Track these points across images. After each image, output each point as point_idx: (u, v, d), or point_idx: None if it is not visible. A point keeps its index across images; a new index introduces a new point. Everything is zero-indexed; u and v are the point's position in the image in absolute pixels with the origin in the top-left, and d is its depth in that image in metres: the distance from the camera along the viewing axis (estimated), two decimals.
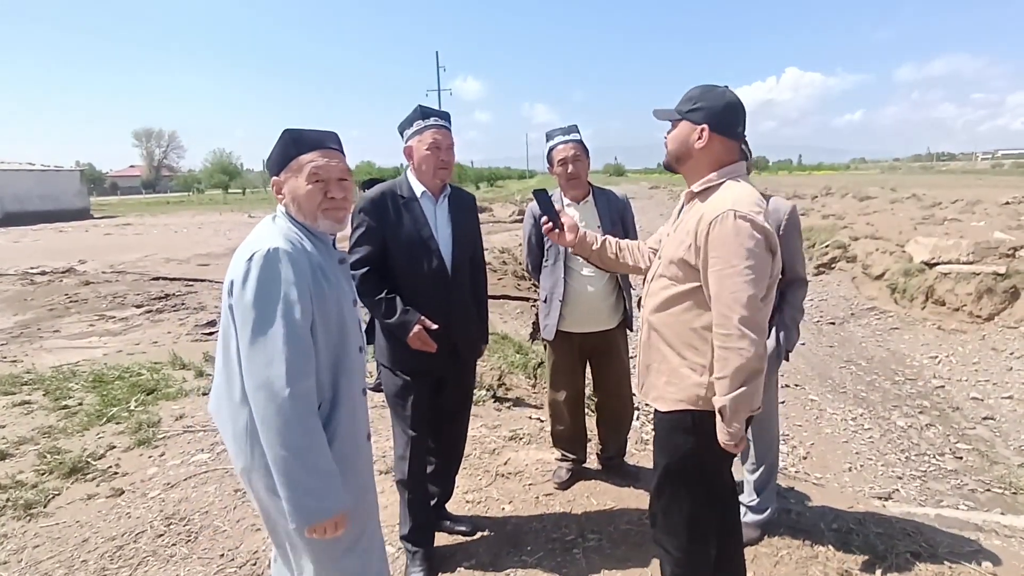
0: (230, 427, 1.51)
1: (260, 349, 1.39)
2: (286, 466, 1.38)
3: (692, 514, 1.81)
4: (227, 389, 1.50)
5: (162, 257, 13.50)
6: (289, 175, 1.54)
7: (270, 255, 1.41)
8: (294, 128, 1.57)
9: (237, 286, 1.42)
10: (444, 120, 2.31)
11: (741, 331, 1.54)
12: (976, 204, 15.52)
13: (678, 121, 1.74)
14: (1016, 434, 5.72)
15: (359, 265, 2.29)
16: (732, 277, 1.55)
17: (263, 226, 1.55)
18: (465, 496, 3.02)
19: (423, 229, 2.30)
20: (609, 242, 2.13)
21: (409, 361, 2.33)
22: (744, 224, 1.56)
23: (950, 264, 9.75)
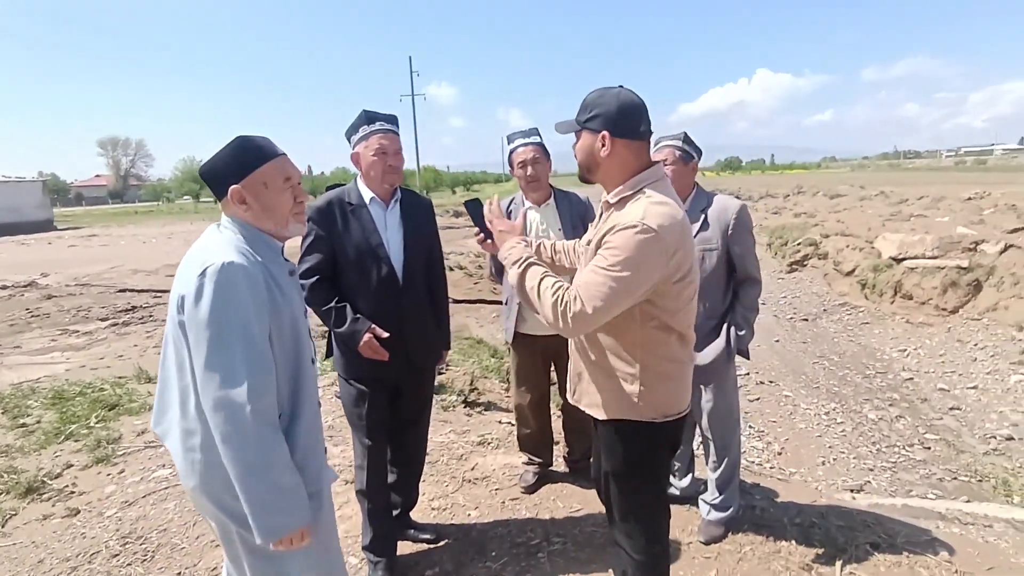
0: (181, 445, 1.46)
1: (218, 367, 1.34)
2: (250, 484, 1.36)
3: (646, 517, 1.82)
4: (180, 407, 1.46)
5: (129, 268, 13.23)
6: (256, 183, 1.50)
7: (225, 269, 1.36)
8: (249, 136, 1.53)
9: (189, 302, 1.36)
10: (391, 124, 2.26)
11: (580, 303, 1.52)
12: (940, 200, 15.94)
13: (580, 132, 1.69)
14: (981, 423, 5.84)
15: (308, 275, 2.25)
16: (604, 274, 1.52)
17: (209, 237, 1.50)
18: (431, 503, 2.98)
19: (372, 236, 2.26)
20: (544, 246, 2.11)
21: (363, 370, 2.29)
22: (646, 238, 1.50)
23: (916, 259, 9.98)
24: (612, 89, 1.66)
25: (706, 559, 2.48)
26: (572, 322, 1.53)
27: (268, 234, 1.54)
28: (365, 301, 2.25)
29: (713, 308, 2.51)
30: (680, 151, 2.48)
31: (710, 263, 2.46)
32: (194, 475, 1.45)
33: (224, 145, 1.51)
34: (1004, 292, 8.37)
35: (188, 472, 1.46)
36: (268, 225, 1.53)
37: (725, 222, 2.44)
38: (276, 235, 1.56)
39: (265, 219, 1.52)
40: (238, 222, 1.51)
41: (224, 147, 1.51)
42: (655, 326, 1.64)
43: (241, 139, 1.51)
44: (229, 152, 1.50)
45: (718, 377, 2.52)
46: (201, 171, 1.54)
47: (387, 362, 2.23)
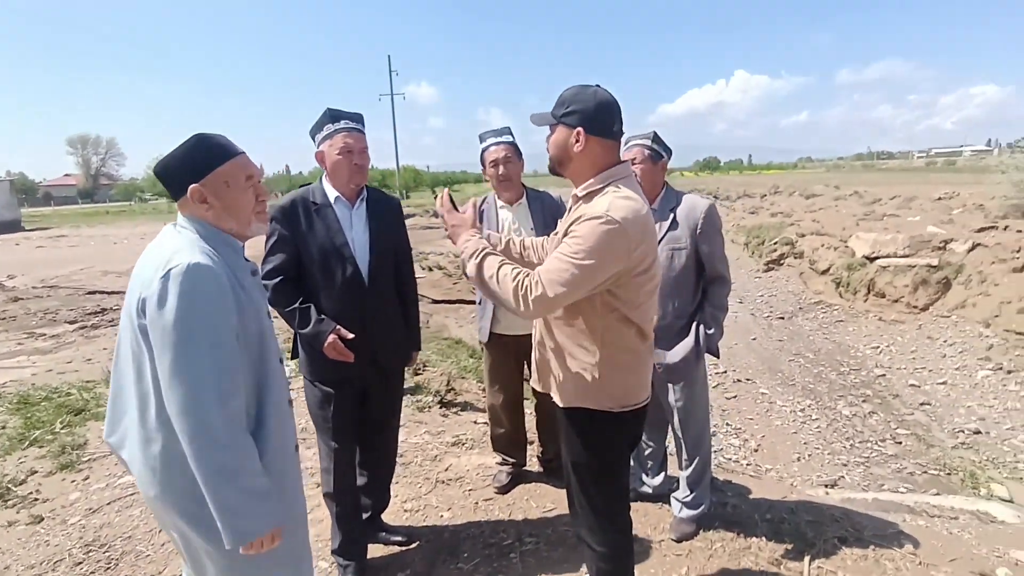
0: (140, 454, 1.42)
1: (185, 372, 1.31)
2: (220, 489, 1.33)
3: (605, 507, 1.85)
4: (138, 415, 1.41)
5: (99, 270, 12.95)
6: (217, 182, 1.47)
7: (191, 270, 1.32)
8: (208, 133, 1.49)
9: (152, 306, 1.32)
10: (356, 123, 2.23)
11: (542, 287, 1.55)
12: (912, 200, 16.29)
13: (555, 126, 1.73)
14: (950, 418, 5.97)
15: (272, 275, 2.21)
16: (567, 261, 1.55)
17: (167, 238, 1.46)
18: (404, 505, 2.95)
19: (336, 236, 2.22)
20: (513, 242, 2.13)
21: (328, 371, 2.26)
22: (611, 229, 1.54)
23: (888, 258, 10.17)
24: (590, 87, 1.70)
25: (677, 556, 2.49)
26: (533, 304, 1.56)
27: (229, 234, 1.51)
28: (330, 302, 2.22)
29: (682, 307, 2.52)
30: (649, 150, 2.49)
31: (679, 262, 2.47)
32: (155, 484, 1.41)
33: (181, 143, 1.47)
34: (972, 290, 8.58)
35: (149, 481, 1.42)
36: (230, 225, 1.50)
37: (694, 221, 2.45)
38: (238, 235, 1.53)
39: (227, 218, 1.49)
40: (197, 222, 1.47)
41: (181, 145, 1.47)
42: (616, 317, 1.68)
43: (200, 136, 1.48)
44: (188, 150, 1.46)
45: (688, 376, 2.53)
46: (157, 169, 1.49)
47: (353, 363, 2.19)
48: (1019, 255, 8.44)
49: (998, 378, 6.62)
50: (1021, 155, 12.32)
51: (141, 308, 1.35)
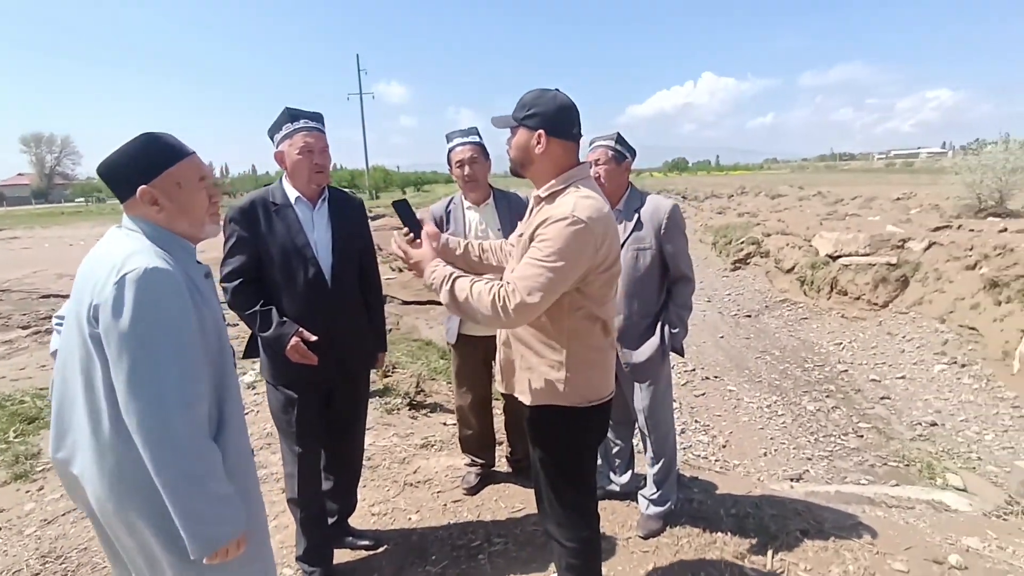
0: (95, 468, 1.37)
1: (147, 380, 1.27)
2: (185, 497, 1.29)
3: (573, 503, 1.87)
4: (89, 427, 1.36)
5: (54, 273, 12.48)
6: (169, 183, 1.42)
7: (148, 275, 1.28)
8: (157, 133, 1.44)
9: (107, 313, 1.27)
10: (316, 121, 2.19)
11: (512, 303, 1.56)
12: (872, 200, 16.78)
13: (516, 128, 1.76)
14: (908, 411, 6.17)
15: (231, 277, 2.16)
16: (539, 266, 1.57)
17: (116, 241, 1.40)
18: (371, 509, 2.92)
19: (297, 236, 2.18)
20: (472, 245, 2.14)
21: (292, 375, 2.21)
22: (577, 229, 1.57)
23: (850, 256, 10.47)
24: (549, 91, 1.74)
25: (644, 553, 2.51)
26: (514, 313, 1.57)
27: (181, 236, 1.47)
28: (292, 304, 2.18)
29: (647, 307, 2.55)
30: (613, 151, 2.51)
31: (644, 262, 2.50)
32: (112, 498, 1.36)
33: (127, 142, 1.41)
34: (928, 287, 8.88)
35: (105, 496, 1.37)
36: (182, 226, 1.46)
37: (658, 221, 2.48)
38: (190, 237, 1.49)
39: (179, 220, 1.45)
40: (146, 223, 1.42)
41: (128, 144, 1.41)
42: (582, 315, 1.72)
43: (149, 136, 1.42)
44: (136, 150, 1.41)
45: (653, 374, 2.56)
46: (101, 169, 1.42)
47: (317, 366, 2.16)
48: (972, 253, 8.77)
49: (953, 372, 6.87)
50: (973, 157, 12.79)
51: (93, 315, 1.30)
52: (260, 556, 1.58)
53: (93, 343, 1.31)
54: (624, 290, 2.48)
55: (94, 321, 1.30)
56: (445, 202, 2.96)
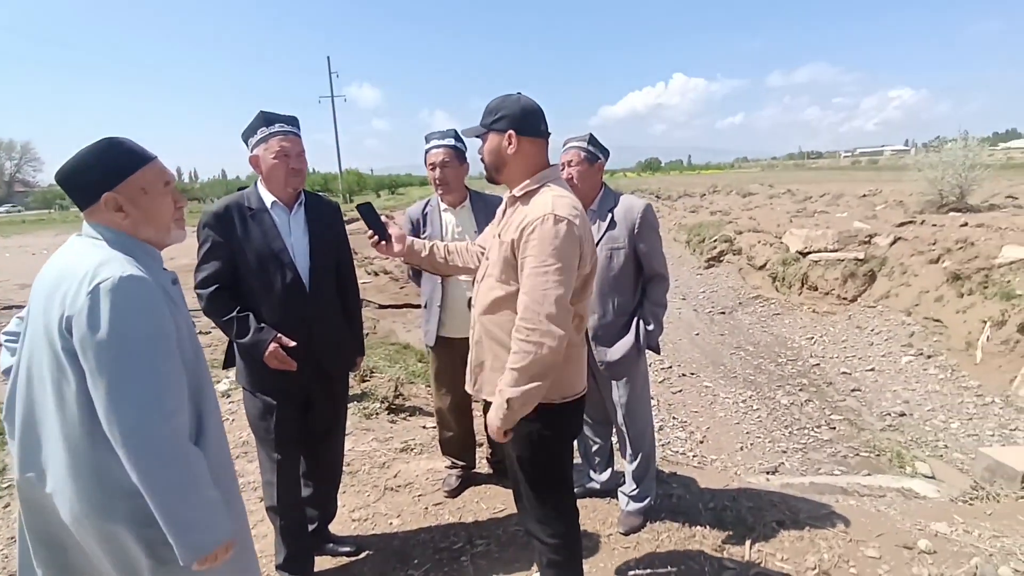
0: (71, 484, 1.33)
1: (128, 390, 1.24)
2: (173, 505, 1.28)
3: (552, 500, 1.90)
4: (64, 443, 1.32)
5: (15, 283, 12.09)
6: (133, 189, 1.39)
7: (122, 284, 1.26)
8: (118, 137, 1.41)
9: (81, 324, 1.24)
10: (291, 125, 2.17)
11: (548, 327, 1.60)
12: (840, 197, 17.17)
13: (486, 135, 1.81)
14: (878, 402, 6.33)
15: (207, 283, 2.13)
16: (544, 275, 1.62)
17: (83, 250, 1.36)
18: (351, 515, 2.89)
19: (274, 241, 2.16)
20: (437, 246, 2.16)
21: (270, 381, 2.19)
22: (561, 227, 1.63)
23: (820, 252, 10.69)
24: (512, 95, 1.80)
25: (625, 548, 2.54)
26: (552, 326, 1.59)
27: (147, 242, 1.44)
28: (270, 309, 2.15)
29: (623, 305, 2.58)
30: (585, 152, 2.54)
31: (618, 261, 2.53)
32: (91, 513, 1.34)
33: (87, 148, 1.38)
34: (894, 281, 9.12)
35: (82, 510, 1.34)
36: (148, 233, 1.43)
37: (631, 221, 2.52)
38: (156, 243, 1.47)
39: (145, 227, 1.42)
40: (110, 231, 1.39)
41: (88, 150, 1.37)
42: None
43: (111, 141, 1.39)
44: (98, 155, 1.37)
45: (630, 372, 2.59)
46: (60, 176, 1.38)
47: (296, 371, 2.15)
48: (935, 247, 9.03)
49: (919, 363, 7.06)
50: (935, 155, 13.19)
51: (66, 328, 1.27)
52: (245, 561, 1.57)
53: (66, 356, 1.28)
54: (599, 289, 2.51)
55: (67, 333, 1.27)
56: (422, 204, 2.96)
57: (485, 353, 1.86)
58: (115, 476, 1.30)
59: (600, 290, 2.52)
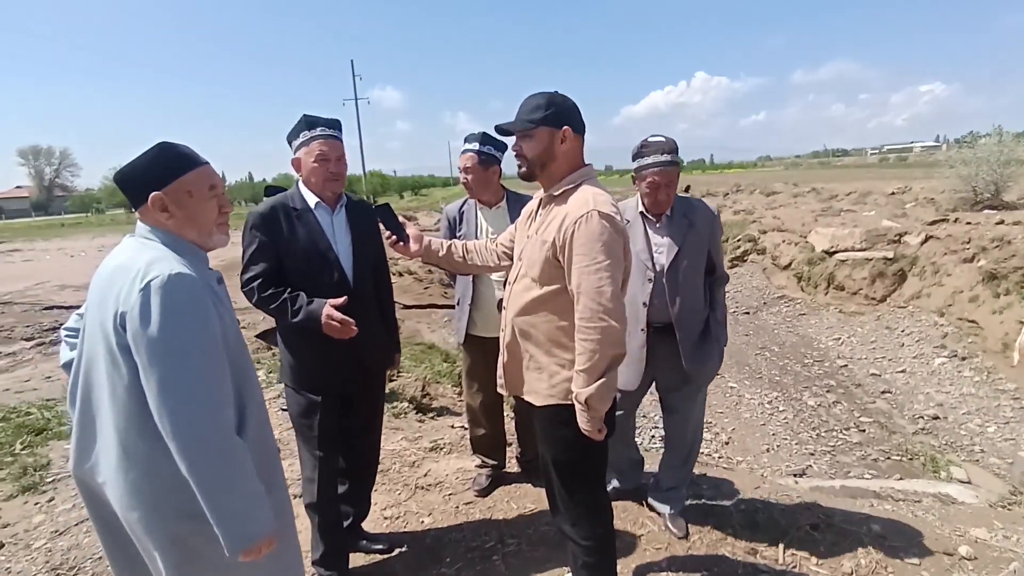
0: (120, 476, 1.38)
1: (178, 384, 1.29)
2: (221, 497, 1.32)
3: (587, 501, 1.90)
4: (117, 435, 1.37)
5: (56, 284, 12.45)
6: (180, 191, 1.44)
7: (172, 281, 1.30)
8: (172, 142, 1.47)
9: (134, 320, 1.29)
10: (333, 129, 2.20)
11: (609, 323, 1.62)
12: (867, 195, 16.84)
13: (534, 130, 1.76)
14: (910, 405, 6.20)
15: (254, 280, 2.15)
16: (596, 272, 1.63)
17: (133, 249, 1.42)
18: (383, 512, 2.93)
19: (320, 241, 2.19)
20: (455, 246, 2.18)
21: (315, 379, 2.23)
22: (606, 223, 1.64)
23: (847, 251, 10.49)
24: (556, 93, 1.78)
25: (656, 549, 2.54)
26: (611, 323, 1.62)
27: (190, 244, 1.50)
28: None
29: (696, 305, 2.51)
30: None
31: (693, 263, 2.47)
32: (141, 505, 1.38)
33: (144, 151, 1.44)
34: (926, 280, 8.91)
35: (130, 503, 1.39)
36: (191, 235, 1.48)
37: (709, 218, 2.51)
38: (199, 245, 1.52)
39: (188, 228, 1.47)
40: (160, 232, 1.45)
41: (144, 153, 1.44)
42: None
43: (164, 144, 1.45)
44: (151, 158, 1.44)
45: (710, 380, 2.61)
46: (117, 176, 1.46)
47: (339, 369, 2.19)
48: (969, 246, 8.81)
49: (953, 365, 6.90)
50: (968, 150, 12.85)
51: (120, 324, 1.31)
52: (289, 557, 1.62)
53: (121, 351, 1.32)
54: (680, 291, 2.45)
55: (121, 329, 1.31)
56: (459, 203, 3.00)
57: (518, 355, 1.86)
58: (163, 469, 1.34)
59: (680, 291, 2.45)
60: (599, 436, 1.73)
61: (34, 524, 3.08)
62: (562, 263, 1.70)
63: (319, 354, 2.22)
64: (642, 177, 2.38)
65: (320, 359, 2.23)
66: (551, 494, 1.98)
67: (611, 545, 1.96)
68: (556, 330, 1.77)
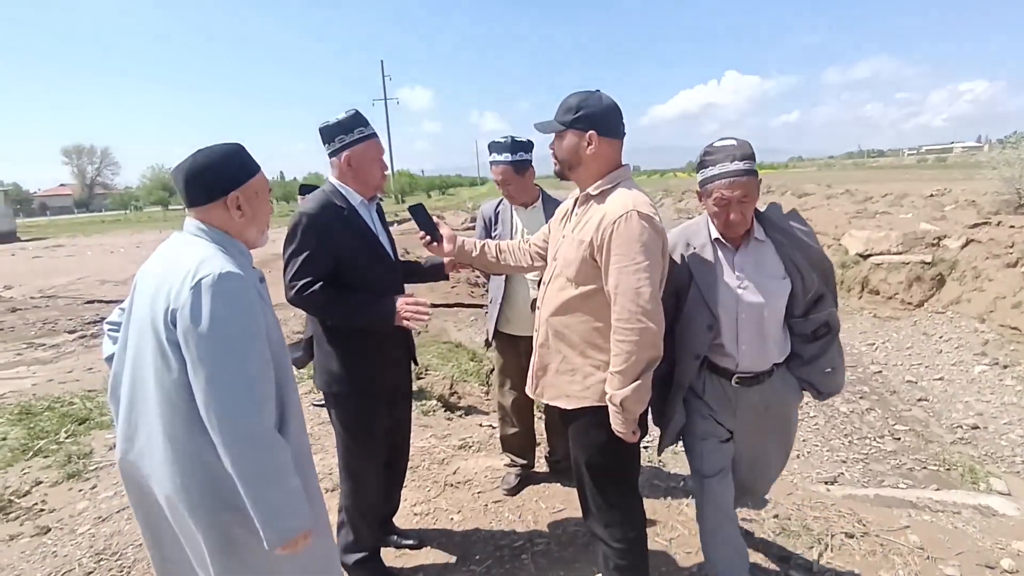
0: (167, 467, 1.42)
1: (225, 380, 1.33)
2: (263, 491, 1.36)
3: (620, 504, 1.89)
4: (163, 427, 1.41)
5: (97, 279, 12.89)
6: (250, 191, 1.51)
7: (223, 279, 1.34)
8: (241, 144, 1.53)
9: (185, 317, 1.32)
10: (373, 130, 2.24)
11: (644, 323, 1.61)
12: (904, 197, 16.36)
13: (564, 132, 1.78)
14: (948, 413, 6.02)
15: (311, 283, 2.08)
16: (635, 273, 1.62)
17: (184, 246, 1.46)
18: (413, 509, 2.96)
19: (371, 238, 2.20)
20: (488, 246, 2.18)
21: (373, 380, 2.21)
22: (645, 224, 1.63)
23: (882, 255, 10.24)
24: (594, 93, 1.77)
25: (687, 554, 2.52)
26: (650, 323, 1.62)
27: (245, 243, 1.55)
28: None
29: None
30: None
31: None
32: (183, 496, 1.42)
33: (213, 150, 1.48)
34: (966, 285, 8.65)
35: (175, 493, 1.42)
36: (251, 233, 1.55)
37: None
38: (252, 244, 1.58)
39: (251, 227, 1.54)
40: (215, 230, 1.49)
41: (215, 151, 1.48)
42: None
43: (238, 146, 1.52)
44: (226, 157, 1.48)
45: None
46: (189, 173, 1.46)
47: (394, 365, 2.25)
48: (1012, 250, 8.51)
49: (994, 373, 6.68)
50: (1012, 151, 12.40)
51: (171, 320, 1.35)
52: (325, 550, 1.65)
53: (170, 346, 1.36)
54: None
55: (172, 325, 1.35)
56: (495, 203, 3.03)
57: (552, 356, 1.87)
58: (206, 461, 1.38)
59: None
60: (633, 438, 1.72)
61: (78, 510, 3.19)
62: (599, 263, 1.70)
63: (376, 353, 2.21)
64: (707, 192, 1.89)
65: (377, 358, 2.21)
66: (583, 496, 1.97)
67: (643, 548, 1.95)
68: (591, 331, 1.76)
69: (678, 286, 1.93)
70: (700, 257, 1.94)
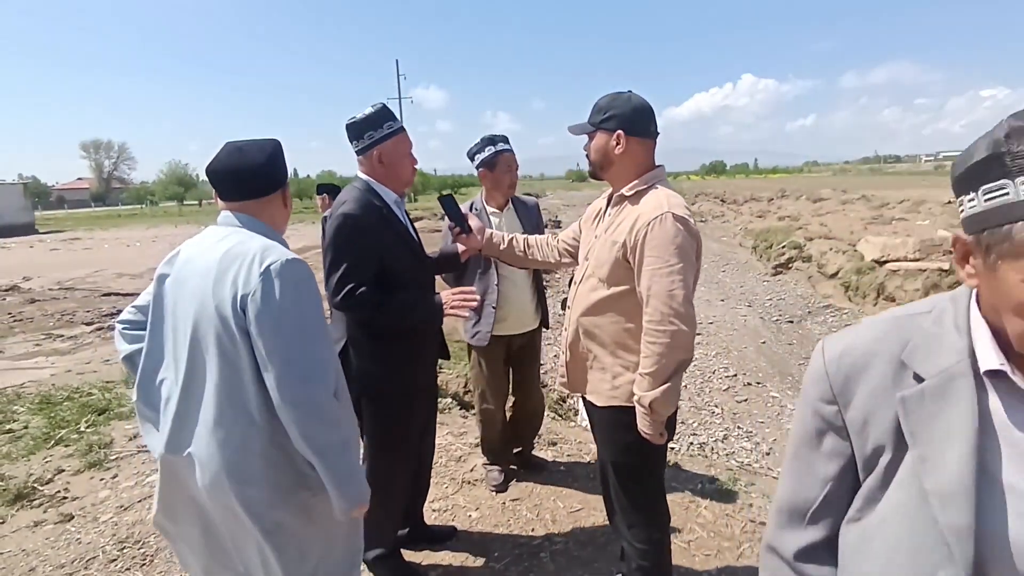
0: (216, 453, 1.40)
1: (302, 359, 1.38)
2: (337, 461, 1.43)
3: (645, 505, 1.90)
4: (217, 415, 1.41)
5: (113, 272, 13.03)
6: (288, 188, 1.62)
7: (290, 265, 1.40)
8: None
9: (257, 301, 1.35)
10: None
11: (678, 327, 1.61)
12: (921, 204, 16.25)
13: (594, 132, 1.80)
14: None
15: (357, 286, 2.01)
16: (668, 275, 1.62)
17: (241, 237, 1.47)
18: (431, 505, 2.97)
19: (409, 237, 2.18)
20: (516, 239, 2.19)
21: (419, 377, 2.21)
22: (680, 226, 1.63)
23: (898, 262, 10.15)
24: (624, 93, 1.79)
25: (706, 556, 2.52)
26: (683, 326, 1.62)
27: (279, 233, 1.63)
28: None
29: None
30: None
31: None
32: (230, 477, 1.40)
33: (261, 147, 1.53)
34: None
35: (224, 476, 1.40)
36: (283, 225, 1.64)
37: None
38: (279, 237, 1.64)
39: (283, 222, 1.63)
40: (259, 224, 1.53)
41: (263, 149, 1.53)
42: None
43: (280, 144, 1.58)
44: (279, 152, 1.57)
45: None
46: (254, 167, 1.51)
47: (432, 360, 2.29)
48: None
49: None
50: None
51: (240, 307, 1.37)
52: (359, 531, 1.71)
53: (239, 332, 1.38)
54: None
55: (240, 311, 1.37)
56: (467, 205, 2.96)
57: (584, 354, 1.87)
58: (279, 442, 1.43)
59: None
60: (660, 440, 1.72)
61: (100, 499, 3.23)
62: (632, 265, 1.70)
63: (415, 353, 2.20)
64: (1001, 246, 0.67)
65: (416, 357, 2.22)
66: (608, 495, 1.98)
67: (667, 550, 1.95)
68: (622, 331, 1.76)
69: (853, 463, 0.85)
70: (933, 405, 0.73)
